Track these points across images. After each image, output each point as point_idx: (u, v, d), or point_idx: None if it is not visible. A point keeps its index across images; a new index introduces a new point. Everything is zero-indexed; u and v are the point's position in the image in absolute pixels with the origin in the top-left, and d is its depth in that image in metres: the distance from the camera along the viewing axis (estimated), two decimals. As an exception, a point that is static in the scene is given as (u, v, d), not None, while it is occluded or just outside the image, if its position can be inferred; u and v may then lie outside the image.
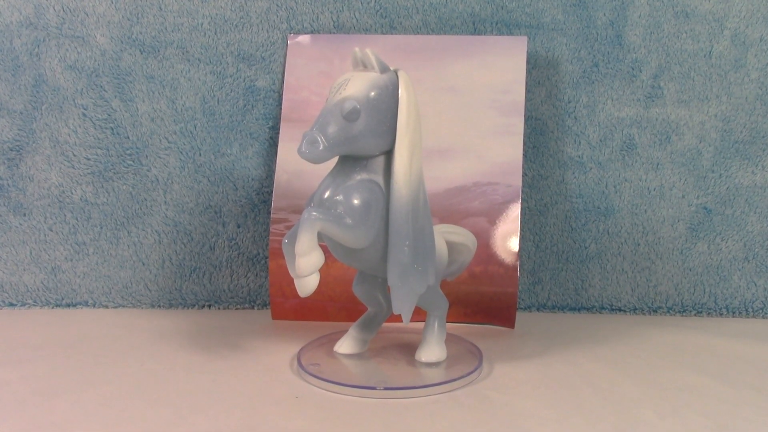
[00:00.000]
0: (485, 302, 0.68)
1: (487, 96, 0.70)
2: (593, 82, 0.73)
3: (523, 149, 0.73)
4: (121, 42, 0.73)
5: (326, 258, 0.49)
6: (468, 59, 0.71)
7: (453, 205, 0.69)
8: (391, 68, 0.51)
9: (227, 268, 0.74)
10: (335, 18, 0.73)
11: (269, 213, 0.71)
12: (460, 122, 0.70)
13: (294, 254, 0.48)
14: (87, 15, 0.73)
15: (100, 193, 0.73)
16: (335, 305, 0.68)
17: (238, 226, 0.74)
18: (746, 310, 0.74)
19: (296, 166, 0.70)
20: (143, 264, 0.74)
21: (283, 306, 0.69)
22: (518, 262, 0.68)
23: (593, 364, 0.58)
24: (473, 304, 0.68)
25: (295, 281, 0.49)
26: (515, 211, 0.68)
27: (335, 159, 0.51)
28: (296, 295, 0.67)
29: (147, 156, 0.73)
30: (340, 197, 0.49)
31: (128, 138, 0.73)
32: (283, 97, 0.72)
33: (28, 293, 0.74)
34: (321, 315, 0.69)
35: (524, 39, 0.71)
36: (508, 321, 0.68)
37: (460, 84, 0.71)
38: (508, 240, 0.68)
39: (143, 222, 0.74)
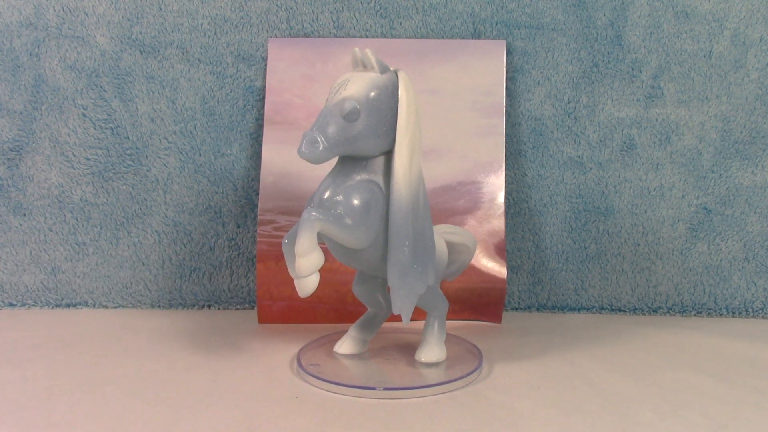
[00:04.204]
0: (474, 299, 0.69)
1: (468, 98, 0.71)
2: (593, 82, 0.73)
3: (523, 149, 0.73)
4: (121, 42, 0.73)
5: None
6: (448, 63, 0.72)
7: (439, 204, 0.70)
8: (391, 68, 0.51)
9: (227, 268, 0.74)
10: (335, 18, 0.73)
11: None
12: (443, 124, 0.71)
13: (294, 254, 0.48)
14: (87, 15, 0.73)
15: (100, 193, 0.73)
16: (324, 306, 0.68)
17: (238, 226, 0.74)
18: (746, 310, 0.74)
19: (281, 167, 0.70)
20: (143, 264, 0.74)
21: (270, 309, 0.69)
22: (505, 258, 0.69)
23: (593, 364, 0.58)
24: (462, 301, 0.69)
25: (295, 281, 0.49)
26: (500, 208, 0.70)
27: (335, 159, 0.51)
28: (283, 298, 0.68)
29: (147, 156, 0.73)
30: (340, 197, 0.49)
31: (128, 138, 0.73)
32: (266, 99, 0.72)
33: (28, 293, 0.74)
34: (310, 317, 0.69)
35: (502, 43, 0.72)
36: (495, 316, 0.70)
37: (441, 86, 0.72)
38: (494, 237, 0.69)
39: (143, 222, 0.74)
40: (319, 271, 0.48)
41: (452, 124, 0.71)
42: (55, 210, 0.73)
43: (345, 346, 0.58)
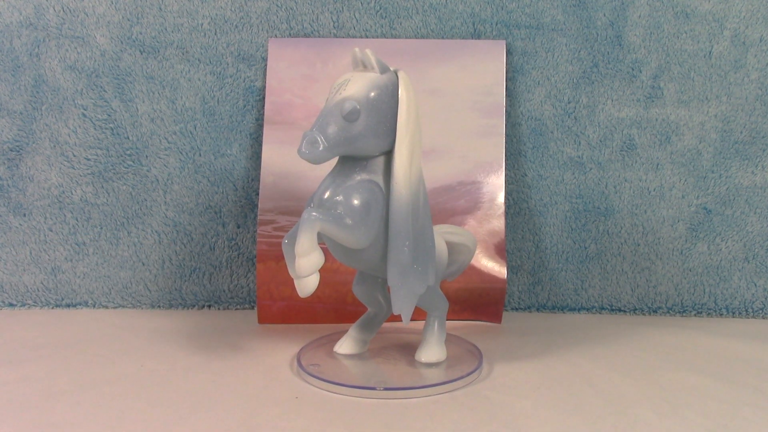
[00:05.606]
0: (474, 299, 0.69)
1: (468, 98, 0.71)
2: (593, 82, 0.73)
3: (523, 149, 0.73)
4: (121, 42, 0.73)
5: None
6: (448, 63, 0.72)
7: (439, 204, 0.70)
8: (391, 68, 0.51)
9: (227, 268, 0.74)
10: (335, 18, 0.73)
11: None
12: (444, 124, 0.71)
13: (294, 254, 0.48)
14: (87, 15, 0.73)
15: (100, 193, 0.73)
16: (324, 306, 0.69)
17: (238, 226, 0.74)
18: (746, 310, 0.74)
19: (281, 167, 0.70)
20: (143, 264, 0.74)
21: (270, 309, 0.69)
22: (505, 258, 0.69)
23: (593, 364, 0.58)
24: (462, 301, 0.69)
25: (295, 281, 0.49)
26: (500, 208, 0.70)
27: (335, 159, 0.51)
28: (283, 298, 0.68)
29: (147, 156, 0.73)
30: (340, 198, 0.49)
31: (128, 138, 0.73)
32: (266, 99, 0.72)
33: (28, 293, 0.74)
34: (309, 317, 0.69)
35: (502, 43, 0.72)
36: (495, 316, 0.70)
37: (441, 86, 0.72)
38: (494, 237, 0.69)
39: (143, 222, 0.74)
40: (319, 271, 0.48)
41: (452, 124, 0.71)
42: (55, 210, 0.73)
43: (345, 346, 0.58)
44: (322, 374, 0.53)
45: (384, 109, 0.49)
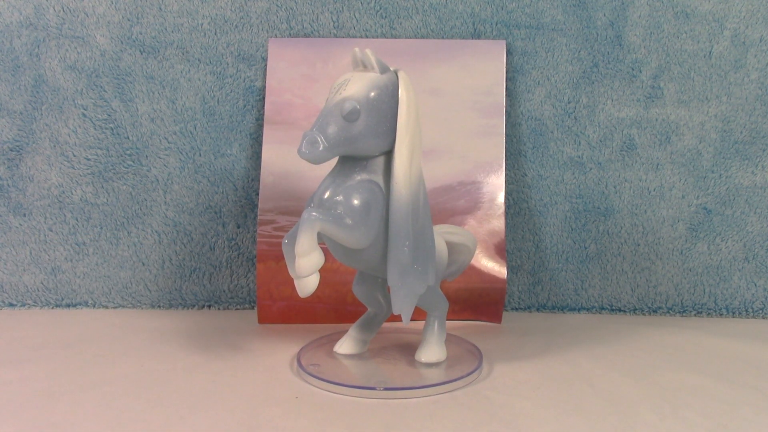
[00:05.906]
0: (474, 299, 0.69)
1: (468, 98, 0.71)
2: (593, 83, 0.73)
3: (523, 149, 0.73)
4: (121, 42, 0.73)
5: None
6: (448, 63, 0.72)
7: (439, 204, 0.70)
8: (391, 68, 0.51)
9: (227, 268, 0.74)
10: (335, 18, 0.73)
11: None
12: (443, 124, 0.71)
13: (294, 254, 0.48)
14: (87, 15, 0.73)
15: (100, 193, 0.73)
16: (324, 306, 0.69)
17: (238, 226, 0.74)
18: (746, 310, 0.74)
19: (281, 167, 0.70)
20: (143, 264, 0.74)
21: (270, 309, 0.69)
22: (505, 258, 0.69)
23: (593, 364, 0.58)
24: (462, 301, 0.69)
25: (295, 282, 0.49)
26: (500, 208, 0.70)
27: (335, 159, 0.51)
28: (283, 298, 0.68)
29: (147, 156, 0.73)
30: (340, 198, 0.49)
31: (128, 138, 0.73)
32: (266, 99, 0.72)
33: (28, 293, 0.74)
34: (309, 317, 0.69)
35: (502, 43, 0.72)
36: (495, 316, 0.70)
37: (442, 86, 0.72)
38: (494, 237, 0.69)
39: (143, 222, 0.74)
40: (319, 271, 0.48)
41: (452, 124, 0.71)
42: (55, 210, 0.73)
43: (345, 346, 0.58)
44: (322, 374, 0.53)
45: (384, 109, 0.49)
